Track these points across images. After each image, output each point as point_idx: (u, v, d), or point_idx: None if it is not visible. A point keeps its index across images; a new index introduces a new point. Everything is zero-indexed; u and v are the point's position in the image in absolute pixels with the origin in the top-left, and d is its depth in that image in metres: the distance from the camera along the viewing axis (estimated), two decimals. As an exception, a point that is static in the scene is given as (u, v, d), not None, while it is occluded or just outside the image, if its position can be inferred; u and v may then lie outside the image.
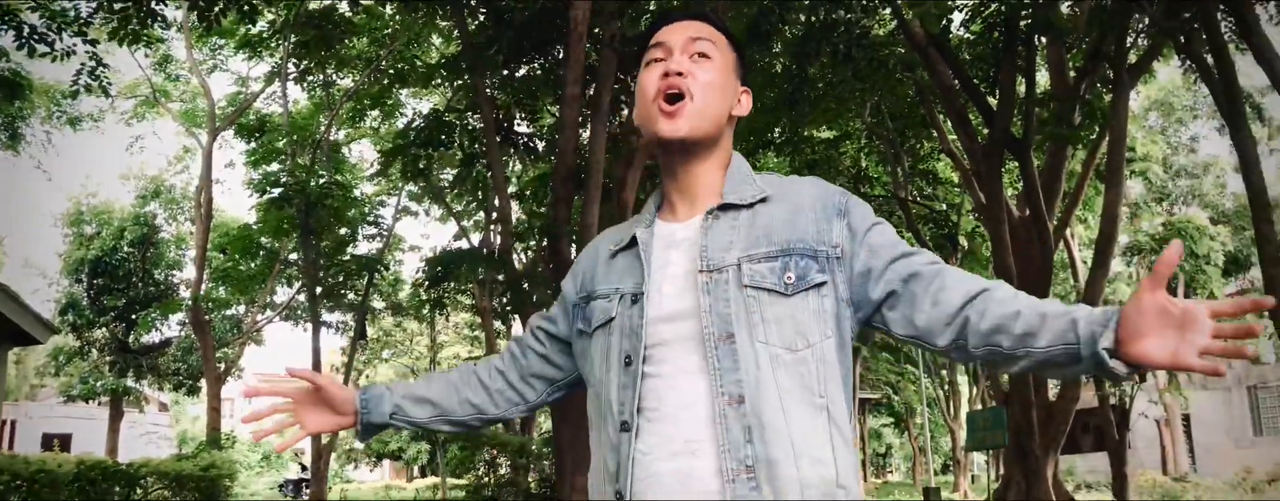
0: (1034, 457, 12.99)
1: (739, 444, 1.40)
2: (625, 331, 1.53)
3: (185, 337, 29.02)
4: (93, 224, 28.87)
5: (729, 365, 1.43)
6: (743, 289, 1.47)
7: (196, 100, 24.56)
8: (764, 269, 1.48)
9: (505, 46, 10.46)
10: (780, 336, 1.46)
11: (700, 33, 1.61)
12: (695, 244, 1.54)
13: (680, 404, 1.45)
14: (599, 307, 1.59)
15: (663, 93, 1.56)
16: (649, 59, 1.62)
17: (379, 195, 23.31)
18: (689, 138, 1.55)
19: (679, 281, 1.52)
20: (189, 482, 14.15)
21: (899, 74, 14.65)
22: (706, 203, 1.59)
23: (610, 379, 1.53)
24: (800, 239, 1.51)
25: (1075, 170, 15.55)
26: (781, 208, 1.55)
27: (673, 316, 1.49)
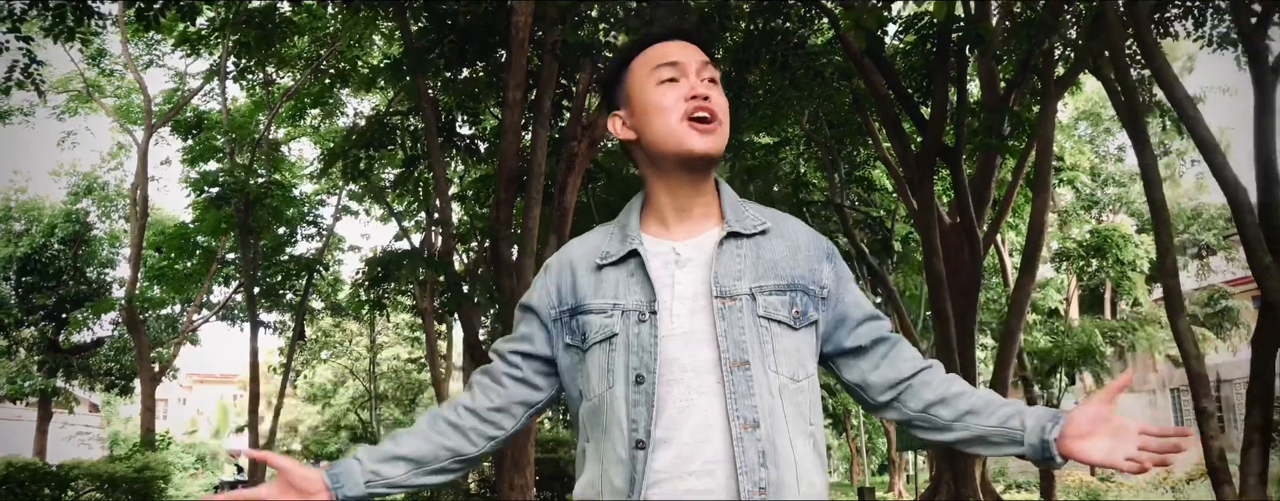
0: (962, 458, 13.35)
1: (754, 467, 1.48)
2: (633, 348, 1.55)
3: (118, 337, 28.49)
4: (22, 220, 28.20)
5: (744, 390, 1.51)
6: (758, 319, 1.55)
7: (131, 96, 24.13)
8: (776, 301, 1.58)
9: (447, 50, 10.54)
10: (788, 367, 1.56)
11: (705, 59, 1.69)
12: (705, 267, 1.59)
13: (697, 425, 1.51)
14: (596, 322, 1.60)
15: (693, 113, 1.62)
16: (661, 77, 1.65)
17: (318, 194, 23.10)
18: (717, 155, 1.64)
19: (689, 303, 1.57)
20: (122, 484, 14.01)
21: (835, 83, 14.94)
22: (704, 222, 1.66)
23: (616, 394, 1.54)
24: (802, 276, 1.62)
25: (1005, 179, 15.99)
26: (783, 243, 1.65)
27: (686, 339, 1.54)
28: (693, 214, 1.66)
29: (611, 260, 1.64)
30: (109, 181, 28.26)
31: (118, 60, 22.34)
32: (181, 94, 22.15)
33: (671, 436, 1.51)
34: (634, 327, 1.56)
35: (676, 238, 1.64)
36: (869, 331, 1.67)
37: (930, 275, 13.89)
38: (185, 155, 22.19)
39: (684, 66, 1.66)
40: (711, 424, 1.51)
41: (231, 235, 20.06)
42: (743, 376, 1.51)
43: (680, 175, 1.65)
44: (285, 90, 18.56)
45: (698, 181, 1.66)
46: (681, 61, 1.66)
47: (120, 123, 24.31)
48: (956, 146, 13.83)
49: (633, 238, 1.64)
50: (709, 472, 1.49)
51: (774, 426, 1.51)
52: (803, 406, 1.57)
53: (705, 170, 1.66)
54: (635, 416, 1.51)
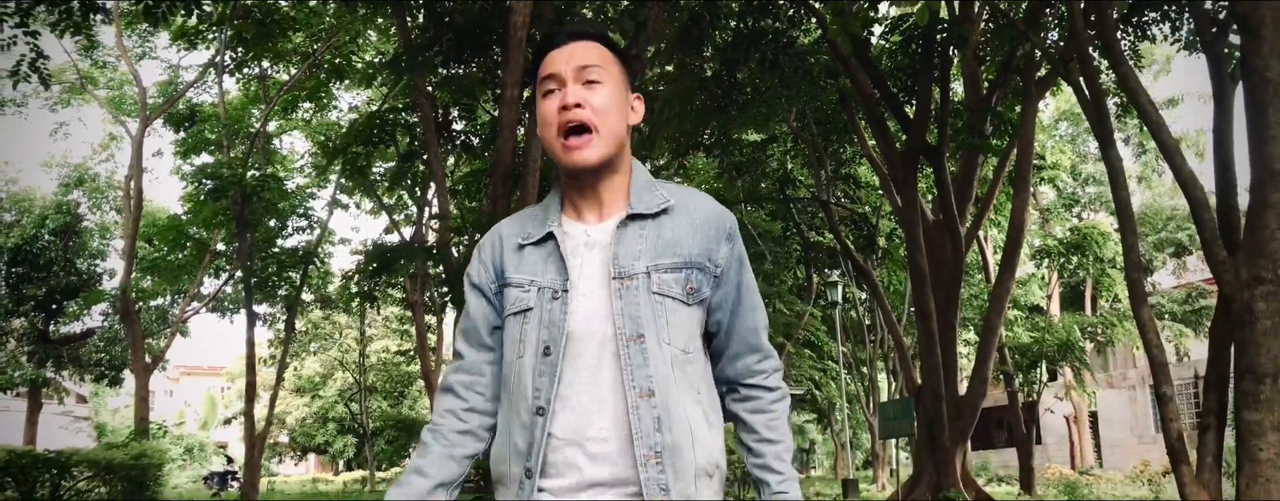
0: (944, 449, 13.70)
1: (650, 432, 1.59)
2: (545, 322, 1.66)
3: (108, 328, 28.60)
4: (12, 211, 28.27)
5: (639, 362, 1.62)
6: (652, 295, 1.65)
7: (124, 87, 24.25)
8: (670, 279, 1.67)
9: (445, 48, 10.79)
10: (680, 339, 1.66)
11: (587, 59, 1.70)
12: (607, 249, 1.69)
13: (593, 395, 1.62)
14: (513, 295, 1.71)
15: (564, 127, 1.67)
16: (544, 89, 1.72)
17: (309, 187, 23.28)
18: (598, 164, 1.68)
19: (593, 282, 1.67)
20: (119, 471, 14.18)
21: (823, 81, 15.22)
22: (613, 206, 1.73)
23: (525, 365, 1.66)
24: (698, 254, 1.70)
25: (987, 177, 16.33)
26: (683, 221, 1.72)
27: (589, 316, 1.65)
28: (602, 200, 1.74)
29: (532, 240, 1.73)
30: (100, 173, 28.34)
31: (111, 52, 22.45)
32: (174, 86, 22.29)
33: (570, 405, 1.62)
34: (547, 303, 1.67)
35: (588, 222, 1.73)
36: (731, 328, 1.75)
37: (913, 271, 14.24)
38: (178, 148, 22.37)
39: (561, 76, 1.70)
40: (606, 393, 1.62)
41: (225, 228, 20.21)
42: (638, 349, 1.62)
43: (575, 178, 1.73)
44: (280, 84, 18.75)
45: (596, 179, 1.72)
46: (559, 71, 1.70)
47: (113, 114, 24.42)
48: (940, 145, 14.18)
49: (551, 221, 1.73)
50: (603, 439, 1.61)
51: (668, 394, 1.61)
52: (693, 376, 1.68)
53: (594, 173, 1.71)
54: (539, 385, 1.63)
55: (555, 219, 1.74)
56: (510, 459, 1.66)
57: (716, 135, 17.07)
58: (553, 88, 1.71)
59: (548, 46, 1.76)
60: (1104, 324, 21.07)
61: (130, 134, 23.55)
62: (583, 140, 1.67)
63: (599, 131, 1.68)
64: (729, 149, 18.07)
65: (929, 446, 13.92)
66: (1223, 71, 6.46)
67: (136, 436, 18.82)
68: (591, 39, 1.75)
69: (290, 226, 21.96)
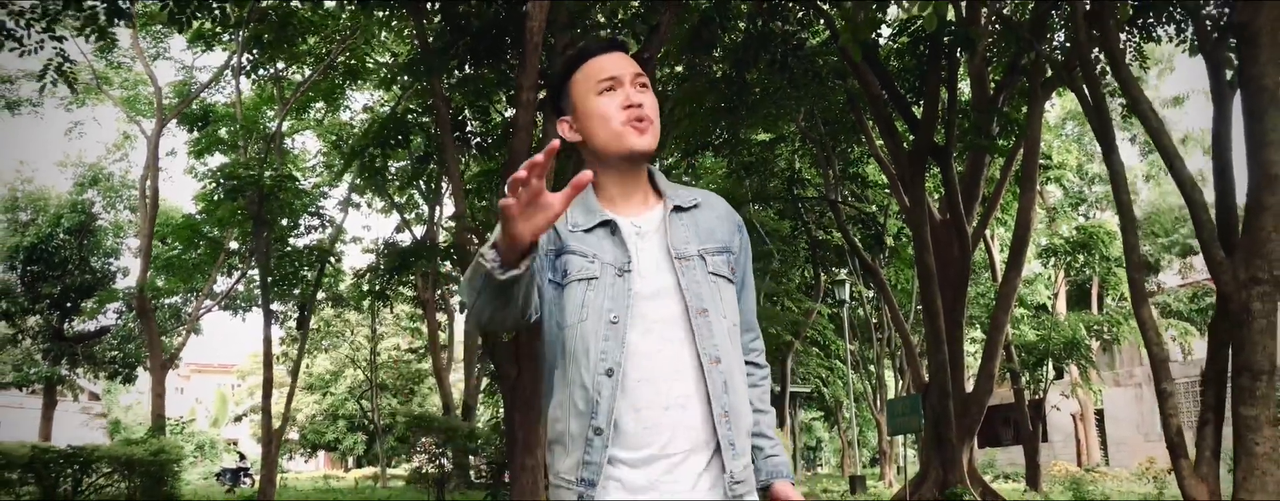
0: (950, 446, 13.87)
1: (721, 394, 1.77)
2: (610, 294, 1.79)
3: (123, 326, 28.88)
4: (28, 210, 28.55)
5: (706, 333, 1.79)
6: (709, 275, 1.85)
7: (138, 87, 24.51)
8: (720, 260, 1.88)
9: (461, 51, 11.00)
10: (732, 313, 1.87)
11: (637, 70, 1.91)
12: (658, 234, 1.86)
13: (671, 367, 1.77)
14: (577, 263, 1.82)
15: (632, 118, 1.85)
16: (602, 88, 1.87)
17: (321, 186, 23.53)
18: (652, 151, 1.88)
19: (655, 264, 1.83)
20: (138, 467, 14.41)
21: (831, 82, 15.38)
22: (645, 199, 1.91)
23: (588, 328, 1.78)
24: (730, 241, 1.92)
25: (994, 177, 16.49)
26: (712, 213, 1.94)
27: (656, 293, 1.81)
28: (634, 195, 1.91)
29: (582, 228, 1.85)
30: (114, 172, 28.60)
31: (127, 53, 22.69)
32: (189, 86, 22.52)
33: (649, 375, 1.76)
34: (613, 278, 1.81)
35: (627, 213, 1.89)
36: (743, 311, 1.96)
37: (921, 269, 14.41)
38: (192, 147, 22.62)
39: (620, 78, 1.88)
40: (683, 364, 1.78)
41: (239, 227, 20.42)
42: (704, 322, 1.80)
43: (624, 167, 1.88)
44: (295, 85, 18.98)
45: (638, 171, 1.91)
46: (618, 74, 1.88)
47: (128, 114, 24.67)
48: (947, 145, 14.34)
49: (598, 212, 1.86)
50: (682, 405, 1.76)
51: (730, 361, 1.81)
52: (738, 348, 1.88)
53: (643, 162, 1.91)
54: (605, 349, 1.76)
55: (598, 209, 1.87)
56: (571, 418, 1.77)
57: (726, 135, 17.24)
58: (612, 86, 1.88)
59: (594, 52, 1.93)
60: (1110, 322, 21.20)
61: (145, 133, 23.80)
62: (644, 126, 1.85)
63: (655, 125, 1.88)
64: (738, 149, 18.24)
65: (935, 443, 14.08)
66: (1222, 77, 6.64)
67: (153, 433, 19.07)
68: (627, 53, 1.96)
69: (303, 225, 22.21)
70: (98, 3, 9.69)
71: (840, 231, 19.20)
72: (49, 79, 10.20)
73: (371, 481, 34.05)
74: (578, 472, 1.74)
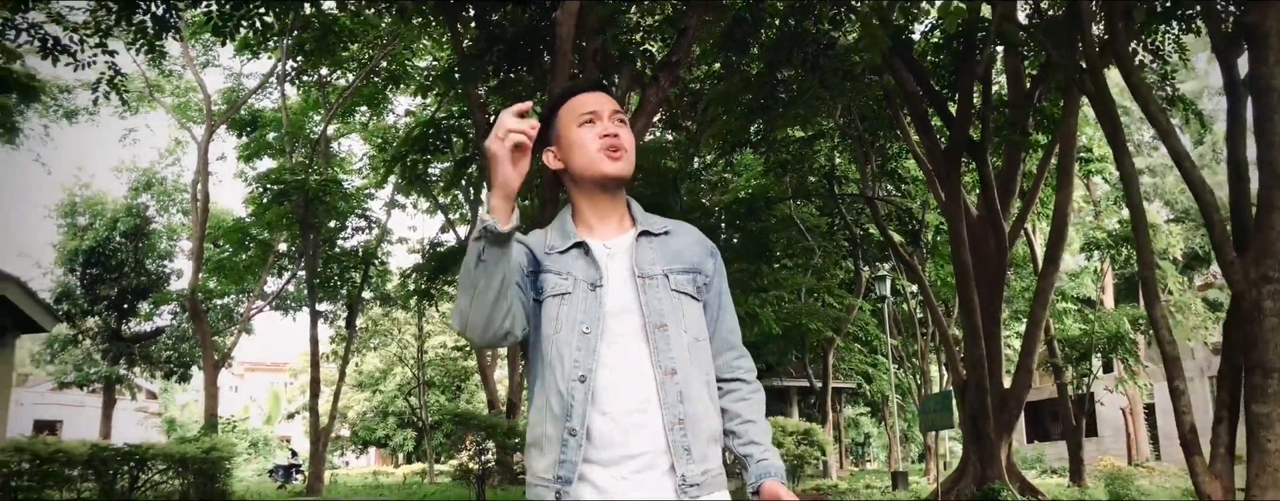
0: (989, 441, 13.88)
1: (674, 404, 1.91)
2: (582, 308, 1.96)
3: (177, 326, 29.64)
4: (86, 215, 29.39)
5: (664, 346, 1.94)
6: (671, 292, 2.00)
7: (188, 95, 25.17)
8: (684, 279, 2.03)
9: (495, 57, 11.25)
10: (694, 328, 2.01)
11: (615, 106, 2.07)
12: (627, 256, 2.02)
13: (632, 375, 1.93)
14: (552, 280, 2.00)
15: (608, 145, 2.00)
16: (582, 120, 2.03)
17: (366, 188, 24.01)
18: (627, 178, 2.03)
19: (620, 282, 2.00)
20: (192, 464, 14.81)
21: (866, 79, 15.40)
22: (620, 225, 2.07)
23: (562, 339, 1.94)
24: (697, 264, 2.07)
25: (1031, 171, 16.42)
26: (683, 241, 2.09)
27: (620, 310, 1.97)
28: (611, 221, 2.07)
29: (558, 250, 2.03)
30: (167, 177, 29.39)
31: (177, 61, 23.32)
32: (237, 93, 23.07)
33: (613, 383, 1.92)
34: (584, 293, 1.98)
35: (602, 237, 2.05)
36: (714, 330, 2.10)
37: (957, 265, 14.41)
38: (240, 152, 23.20)
39: (599, 112, 2.04)
40: (643, 374, 1.93)
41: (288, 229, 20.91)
42: (662, 336, 1.96)
43: (599, 193, 2.05)
44: (340, 91, 19.39)
45: (613, 197, 2.07)
46: (597, 109, 2.05)
47: (179, 120, 25.33)
48: (982, 141, 14.33)
49: (572, 235, 2.04)
50: (642, 411, 1.91)
51: (687, 373, 1.95)
52: (701, 359, 2.01)
53: (617, 188, 2.06)
54: (578, 358, 1.92)
55: (574, 234, 2.04)
56: (547, 421, 1.94)
57: (762, 133, 17.32)
58: (592, 120, 2.03)
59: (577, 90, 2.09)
60: (1157, 315, 20.90)
61: (195, 139, 24.44)
62: (620, 154, 2.01)
63: (629, 154, 2.03)
64: (774, 147, 18.31)
65: (974, 439, 14.10)
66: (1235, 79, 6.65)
67: (206, 431, 19.59)
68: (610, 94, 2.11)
69: (350, 227, 22.70)
70: (146, 16, 10.05)
71: (878, 227, 19.20)
72: (102, 91, 10.60)
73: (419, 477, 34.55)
74: (554, 471, 1.89)
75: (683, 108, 16.59)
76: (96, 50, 10.20)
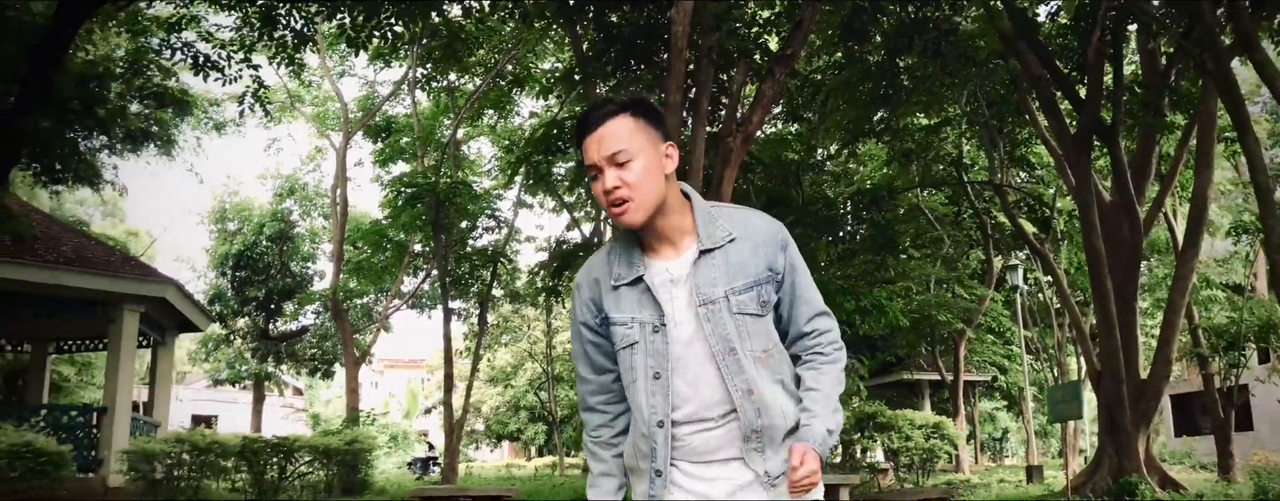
0: (1125, 433, 13.44)
1: (753, 420, 2.02)
2: (651, 352, 2.04)
3: (320, 325, 31.04)
4: (235, 220, 31.04)
5: (735, 369, 2.03)
6: (734, 315, 2.04)
7: (326, 104, 26.34)
8: (746, 298, 2.05)
9: (613, 57, 11.51)
10: (761, 343, 2.07)
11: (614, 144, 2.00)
12: (688, 281, 2.04)
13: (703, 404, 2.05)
14: (619, 332, 2.09)
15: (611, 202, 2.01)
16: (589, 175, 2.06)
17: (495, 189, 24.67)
18: (643, 223, 2.03)
19: (684, 312, 2.04)
20: (335, 456, 15.60)
21: (990, 64, 15.08)
22: (682, 241, 2.07)
23: (639, 387, 2.06)
24: (761, 270, 2.07)
25: (1169, 154, 15.80)
26: (746, 246, 2.07)
27: (688, 340, 2.04)
28: (671, 238, 2.08)
29: (624, 282, 2.07)
30: (308, 183, 30.76)
31: (315, 72, 24.42)
32: (372, 101, 24.04)
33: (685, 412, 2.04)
34: (650, 336, 2.05)
35: (667, 259, 2.07)
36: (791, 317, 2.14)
37: (1089, 253, 14.02)
38: (376, 157, 24.17)
39: (598, 165, 2.02)
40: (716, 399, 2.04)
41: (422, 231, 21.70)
42: (733, 361, 2.02)
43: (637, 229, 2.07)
44: (468, 95, 20.03)
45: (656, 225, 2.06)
46: (595, 162, 2.02)
47: (318, 128, 26.53)
48: (1114, 124, 13.89)
49: (638, 264, 2.07)
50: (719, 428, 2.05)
51: (761, 389, 2.03)
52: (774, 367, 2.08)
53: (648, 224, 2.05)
54: (654, 404, 2.03)
55: (639, 260, 2.08)
56: (639, 458, 2.10)
57: (885, 121, 17.14)
58: (594, 175, 2.04)
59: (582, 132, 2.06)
60: (1314, 302, 19.83)
61: (334, 146, 25.56)
62: (623, 208, 2.00)
63: (635, 200, 2.00)
64: (899, 134, 18.08)
65: (1109, 430, 13.70)
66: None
67: (349, 424, 20.51)
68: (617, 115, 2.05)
69: (480, 227, 23.39)
70: (286, 32, 10.66)
71: (1007, 215, 18.76)
72: (247, 103, 11.28)
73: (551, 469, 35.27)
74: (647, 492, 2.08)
75: (804, 99, 16.55)
76: (242, 65, 10.86)
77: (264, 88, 11.41)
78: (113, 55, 14.69)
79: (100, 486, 13.93)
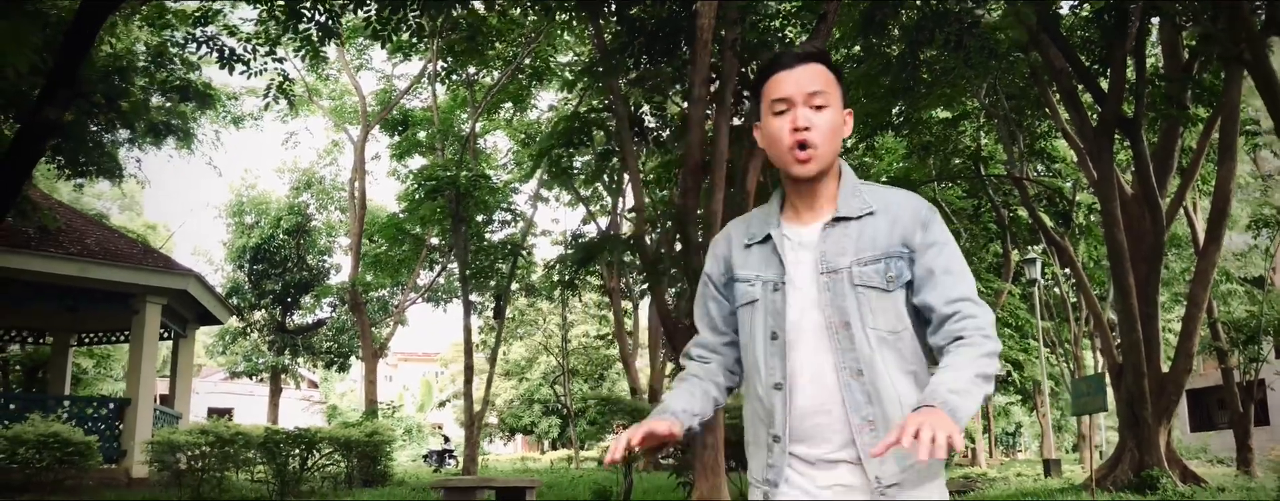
0: (1146, 427, 13.42)
1: (861, 405, 1.86)
2: (769, 311, 1.95)
3: (337, 318, 31.18)
4: (252, 214, 31.19)
5: (846, 346, 1.88)
6: (855, 288, 1.90)
7: (344, 97, 26.42)
8: (871, 270, 1.90)
9: (636, 51, 11.52)
10: (885, 322, 1.90)
11: (815, 85, 1.92)
12: (816, 249, 1.94)
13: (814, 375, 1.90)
14: (742, 289, 2.01)
15: (794, 145, 1.91)
16: (775, 109, 1.94)
17: (512, 182, 24.73)
18: (817, 175, 1.94)
19: (805, 278, 1.93)
20: (356, 447, 15.70)
21: (1011, 56, 15.02)
22: (824, 208, 1.97)
23: (758, 348, 1.96)
24: (896, 245, 1.92)
25: (1190, 147, 15.74)
26: (883, 219, 1.94)
27: (804, 306, 1.92)
28: (815, 205, 1.98)
29: (756, 240, 2.01)
30: (325, 176, 30.87)
31: (333, 66, 24.49)
32: (391, 95, 24.10)
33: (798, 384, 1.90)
34: (770, 295, 1.95)
35: (804, 222, 1.98)
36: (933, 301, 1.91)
37: (1111, 246, 13.98)
38: (393, 151, 24.24)
39: (792, 99, 1.91)
40: (824, 373, 1.89)
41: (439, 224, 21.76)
42: (846, 335, 1.89)
43: (795, 183, 1.98)
44: (487, 89, 20.06)
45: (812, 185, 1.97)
46: (790, 95, 1.92)
47: (336, 122, 26.61)
48: (1136, 117, 13.83)
49: (772, 223, 2.00)
50: (827, 411, 1.88)
51: (876, 371, 1.87)
52: (904, 351, 1.91)
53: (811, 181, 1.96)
54: (772, 365, 1.92)
55: (775, 221, 2.00)
56: (756, 426, 1.98)
57: (904, 114, 17.09)
58: (784, 109, 1.93)
59: (777, 66, 1.97)
60: (1334, 296, 19.76)
61: (351, 140, 25.63)
62: (808, 154, 1.91)
63: (820, 149, 1.92)
64: (917, 127, 18.03)
65: (1130, 424, 13.67)
66: None
67: (368, 416, 20.61)
68: (818, 62, 1.97)
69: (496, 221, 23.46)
70: (311, 25, 10.70)
71: (1026, 209, 18.72)
72: (272, 95, 11.34)
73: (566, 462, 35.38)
74: (763, 473, 1.96)
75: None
76: (267, 58, 10.91)
77: (288, 81, 11.46)
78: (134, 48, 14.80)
79: (124, 477, 14.04)
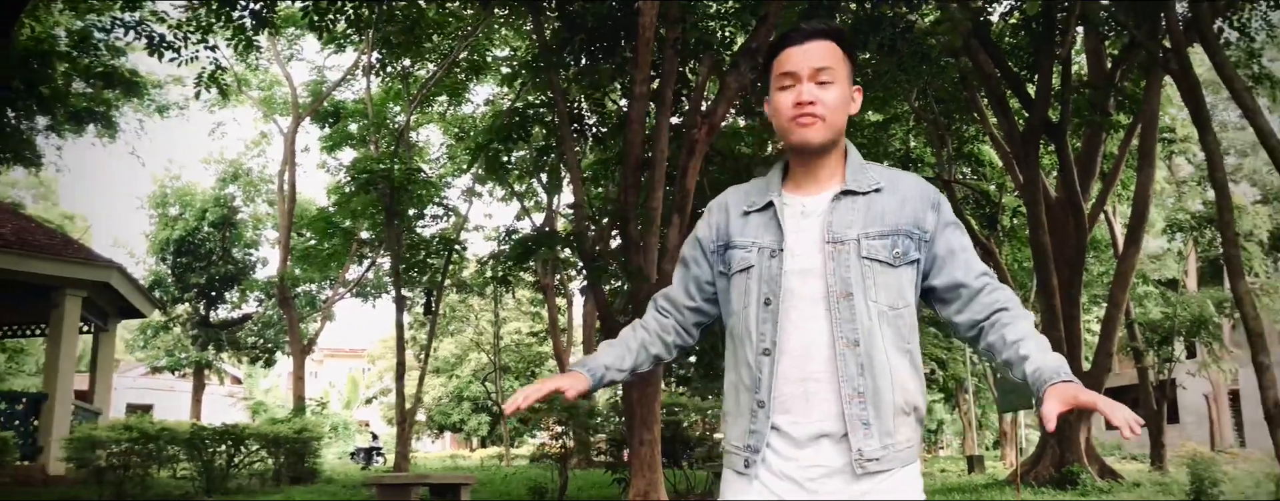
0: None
1: (853, 376, 1.85)
2: (764, 278, 1.93)
3: (263, 313, 30.61)
4: (176, 205, 30.48)
5: (847, 316, 1.87)
6: (861, 259, 1.90)
7: (274, 88, 25.92)
8: (878, 244, 1.91)
9: (577, 47, 11.51)
10: (887, 297, 1.90)
11: (822, 61, 1.94)
12: (823, 218, 1.94)
13: (806, 342, 1.89)
14: (738, 255, 1.99)
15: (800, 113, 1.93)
16: (780, 84, 1.97)
17: (446, 176, 24.48)
18: (820, 145, 1.95)
19: (808, 246, 1.93)
20: (284, 444, 15.46)
21: (942, 62, 15.33)
22: (829, 182, 1.98)
23: (749, 313, 1.94)
24: (905, 224, 1.94)
25: (1112, 153, 16.22)
26: (892, 197, 1.96)
27: (804, 272, 1.92)
28: (820, 177, 1.99)
29: (756, 208, 2.01)
30: (253, 168, 30.29)
31: (264, 56, 24.02)
32: (322, 86, 23.71)
33: (790, 350, 1.89)
34: (766, 261, 1.94)
35: (807, 194, 1.99)
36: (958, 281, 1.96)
37: (1036, 248, 14.37)
38: (323, 143, 23.85)
39: (798, 74, 1.94)
40: (818, 342, 1.88)
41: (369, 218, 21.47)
42: (847, 305, 1.88)
43: (799, 153, 1.99)
44: (421, 82, 19.86)
45: (819, 157, 1.98)
46: (796, 70, 1.94)
47: (265, 113, 26.10)
48: (1062, 122, 14.22)
49: (773, 192, 2.00)
50: (816, 379, 1.87)
51: (872, 344, 1.87)
52: (902, 328, 1.92)
53: (815, 153, 1.97)
54: (763, 331, 1.91)
55: (776, 191, 2.01)
56: (739, 394, 1.95)
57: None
58: (789, 84, 1.96)
59: (787, 42, 1.99)
60: (1242, 299, 20.48)
61: (281, 131, 25.17)
62: (810, 121, 1.93)
63: (825, 121, 1.94)
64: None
65: (1054, 422, 14.04)
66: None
67: (296, 413, 20.28)
68: (827, 38, 1.99)
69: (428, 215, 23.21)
70: (244, 13, 10.50)
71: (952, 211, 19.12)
72: (203, 85, 11.09)
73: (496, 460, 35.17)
74: (744, 440, 1.93)
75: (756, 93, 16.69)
76: (198, 46, 10.67)
77: (221, 70, 11.22)
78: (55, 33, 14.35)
79: (40, 474, 13.63)
